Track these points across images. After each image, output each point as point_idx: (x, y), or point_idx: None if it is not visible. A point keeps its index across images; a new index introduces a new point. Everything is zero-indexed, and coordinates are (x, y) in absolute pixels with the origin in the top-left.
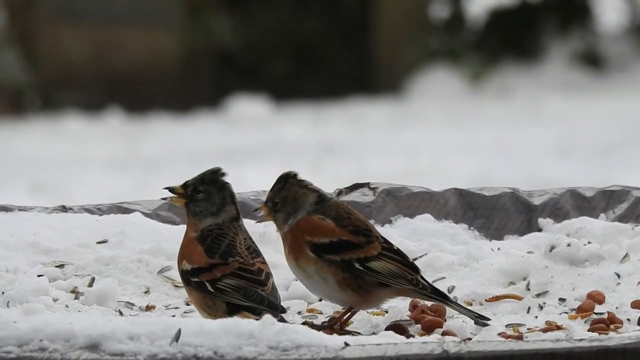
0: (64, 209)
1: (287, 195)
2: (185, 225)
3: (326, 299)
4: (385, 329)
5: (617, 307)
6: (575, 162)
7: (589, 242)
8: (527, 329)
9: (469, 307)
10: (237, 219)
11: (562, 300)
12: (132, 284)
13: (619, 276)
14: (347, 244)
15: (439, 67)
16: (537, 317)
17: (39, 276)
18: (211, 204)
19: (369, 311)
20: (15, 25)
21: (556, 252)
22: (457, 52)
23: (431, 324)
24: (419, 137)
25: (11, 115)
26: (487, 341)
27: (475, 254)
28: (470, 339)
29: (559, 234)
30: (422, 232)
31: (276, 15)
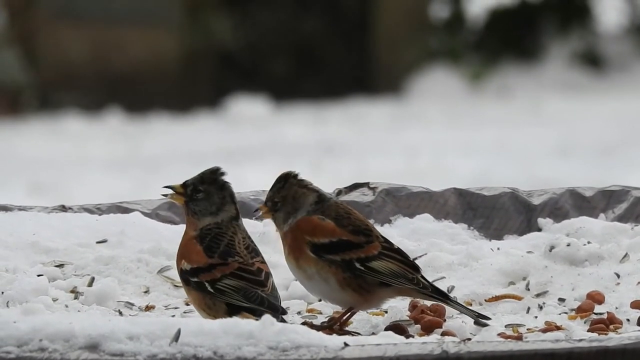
0: (63, 209)
1: (286, 194)
2: (184, 224)
3: (326, 300)
4: (384, 329)
5: (616, 307)
6: (575, 162)
7: (589, 242)
8: (527, 329)
9: (469, 307)
10: (236, 219)
11: (561, 300)
12: (131, 283)
13: (618, 276)
14: (347, 244)
15: (439, 67)
16: (536, 317)
17: (38, 276)
18: (210, 204)
19: (368, 311)
20: (15, 25)
21: (556, 252)
22: (457, 52)
23: (431, 324)
24: (419, 137)
25: (11, 115)
26: (486, 341)
27: (474, 253)
28: (469, 339)
29: (559, 233)
30: (422, 231)
31: (276, 15)
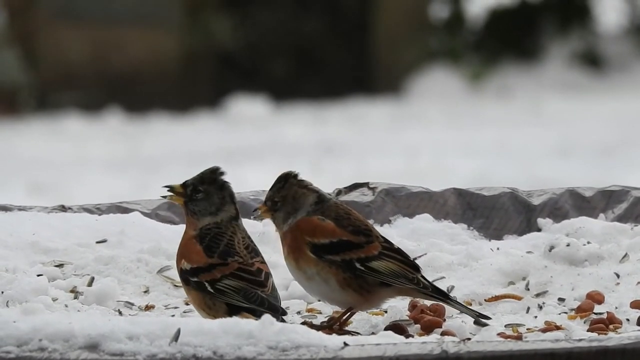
0: (63, 209)
1: (286, 194)
2: (184, 224)
3: (326, 301)
4: (384, 329)
5: (616, 307)
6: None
7: (589, 242)
8: (527, 329)
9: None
10: (236, 219)
11: (561, 300)
12: (131, 283)
13: (618, 276)
14: (347, 244)
15: (438, 67)
16: (536, 317)
17: (38, 276)
18: (210, 204)
19: (368, 311)
20: (15, 25)
21: (555, 252)
22: (457, 52)
23: (430, 324)
24: (419, 137)
25: (11, 115)
26: (486, 341)
27: (474, 253)
28: (469, 339)
29: (559, 233)
30: (422, 232)
31: (276, 15)
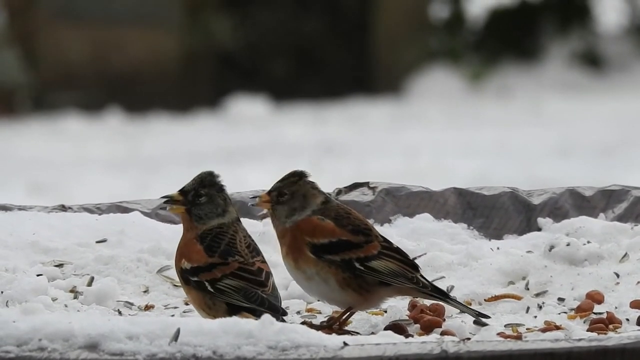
0: (63, 209)
1: (297, 190)
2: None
3: (325, 301)
4: (384, 329)
5: (616, 307)
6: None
7: (588, 242)
8: (526, 329)
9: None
10: (238, 219)
11: (561, 300)
12: (131, 283)
13: (618, 276)
14: (346, 244)
15: (438, 67)
16: (536, 316)
17: (38, 275)
18: (215, 206)
19: (367, 311)
20: (15, 25)
21: (555, 252)
22: (457, 52)
23: (430, 323)
24: (419, 137)
25: (11, 115)
26: (486, 341)
27: (474, 253)
28: (469, 339)
29: (559, 233)
30: (422, 231)
31: (276, 15)
